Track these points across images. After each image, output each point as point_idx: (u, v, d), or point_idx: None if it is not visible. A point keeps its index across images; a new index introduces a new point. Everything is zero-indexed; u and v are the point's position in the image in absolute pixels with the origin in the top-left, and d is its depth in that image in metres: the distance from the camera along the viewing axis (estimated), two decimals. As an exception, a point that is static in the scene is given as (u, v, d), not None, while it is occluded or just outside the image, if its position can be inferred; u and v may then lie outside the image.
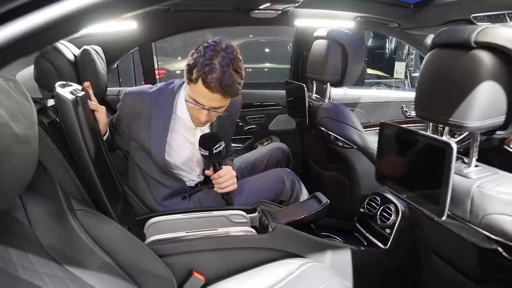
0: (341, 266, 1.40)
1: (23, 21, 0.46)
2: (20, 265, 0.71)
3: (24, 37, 0.47)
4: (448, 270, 1.20)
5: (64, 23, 0.48)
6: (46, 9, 0.47)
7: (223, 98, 1.31)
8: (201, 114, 1.36)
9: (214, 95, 1.28)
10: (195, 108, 1.36)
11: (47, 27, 0.47)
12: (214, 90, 1.27)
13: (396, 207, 1.53)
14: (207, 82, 1.25)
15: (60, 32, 0.51)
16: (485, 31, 0.88)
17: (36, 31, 0.47)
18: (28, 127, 0.66)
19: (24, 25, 0.46)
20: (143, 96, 1.49)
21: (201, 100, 1.32)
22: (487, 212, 0.89)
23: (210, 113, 1.37)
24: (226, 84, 1.26)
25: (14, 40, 0.46)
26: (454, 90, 0.93)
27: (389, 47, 6.97)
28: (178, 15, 2.07)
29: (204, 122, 1.43)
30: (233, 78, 1.28)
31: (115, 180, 1.31)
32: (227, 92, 1.29)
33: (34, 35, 0.47)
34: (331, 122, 1.93)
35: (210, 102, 1.32)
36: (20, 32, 0.46)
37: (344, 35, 1.94)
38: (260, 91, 2.71)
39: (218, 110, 1.37)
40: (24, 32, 0.47)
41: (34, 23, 0.47)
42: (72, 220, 0.90)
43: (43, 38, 0.50)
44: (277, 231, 1.31)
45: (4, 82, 0.66)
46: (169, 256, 1.19)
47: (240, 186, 1.62)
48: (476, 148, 0.98)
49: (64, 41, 1.59)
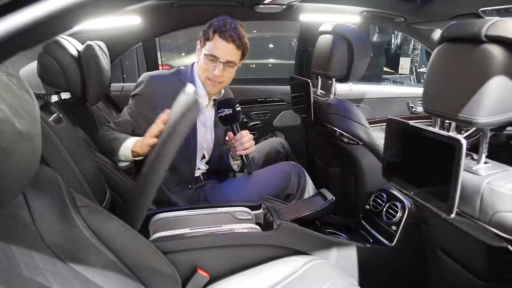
0: (346, 263, 1.39)
1: (23, 14, 0.45)
2: (23, 262, 0.70)
3: (25, 30, 0.46)
4: (456, 268, 1.19)
5: (65, 16, 0.47)
6: (46, 2, 0.46)
7: (236, 50, 1.47)
8: (217, 68, 1.48)
9: (229, 45, 1.45)
10: (211, 64, 1.48)
11: (48, 20, 0.46)
12: (229, 40, 1.44)
13: (403, 204, 1.51)
14: (223, 33, 1.44)
15: (61, 26, 0.50)
16: (496, 25, 0.86)
17: (37, 24, 0.46)
18: (31, 123, 0.65)
19: (24, 18, 0.46)
20: (165, 76, 1.62)
21: (217, 53, 1.46)
22: (497, 210, 0.87)
23: (224, 69, 1.49)
24: (238, 35, 1.45)
25: (14, 33, 0.45)
26: (463, 85, 0.91)
27: (395, 42, 6.92)
28: (182, 10, 2.06)
29: (218, 79, 1.51)
30: (243, 33, 1.48)
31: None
32: (240, 43, 1.47)
33: (35, 28, 0.46)
34: (337, 118, 1.91)
35: (225, 55, 1.46)
36: (20, 25, 0.45)
37: (350, 30, 1.92)
38: (265, 87, 2.69)
39: (231, 65, 1.50)
40: (24, 25, 0.46)
41: (34, 16, 0.46)
42: (75, 217, 0.89)
43: (43, 31, 0.49)
44: (282, 228, 1.30)
45: (6, 77, 0.65)
46: (173, 253, 1.18)
47: (247, 181, 1.62)
48: (486, 144, 0.96)
49: (67, 37, 1.58)
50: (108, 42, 1.80)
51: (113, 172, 1.52)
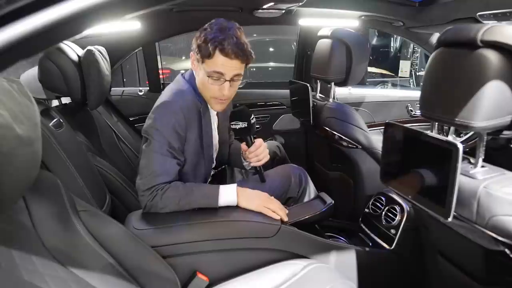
0: (345, 267, 1.39)
1: (26, 22, 0.46)
2: (23, 266, 0.71)
3: (27, 38, 0.46)
4: (454, 271, 1.19)
5: (68, 24, 0.48)
6: (50, 10, 0.46)
7: (241, 64, 1.32)
8: (223, 87, 1.33)
9: (233, 61, 1.29)
10: (216, 83, 1.33)
11: (51, 28, 0.47)
12: (233, 56, 1.28)
13: (402, 207, 1.52)
14: (225, 49, 1.26)
15: (63, 33, 0.51)
16: (491, 30, 0.87)
17: (40, 32, 0.47)
18: (31, 128, 0.66)
19: (27, 26, 0.46)
20: (188, 97, 1.40)
21: (221, 70, 1.30)
22: (494, 214, 0.88)
23: (231, 85, 1.35)
24: (242, 49, 1.28)
25: (17, 41, 0.46)
26: (460, 90, 0.92)
27: (394, 46, 6.94)
28: (181, 15, 2.07)
29: (227, 97, 1.37)
30: (245, 42, 1.30)
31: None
32: (244, 57, 1.31)
33: (38, 36, 0.47)
34: (336, 122, 1.92)
35: (230, 71, 1.31)
36: (23, 33, 0.46)
37: (348, 34, 1.93)
38: (264, 91, 2.70)
39: (237, 78, 1.36)
40: (27, 33, 0.46)
41: (37, 24, 0.46)
42: (75, 221, 0.90)
43: (46, 39, 0.49)
44: (281, 232, 1.30)
45: (7, 83, 0.66)
46: (172, 257, 1.18)
47: (249, 183, 1.62)
48: (482, 148, 0.97)
49: (68, 42, 1.59)
50: (109, 47, 1.81)
51: (113, 177, 1.53)
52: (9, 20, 0.46)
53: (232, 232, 1.28)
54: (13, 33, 0.46)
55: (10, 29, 0.46)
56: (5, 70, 0.50)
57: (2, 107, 0.60)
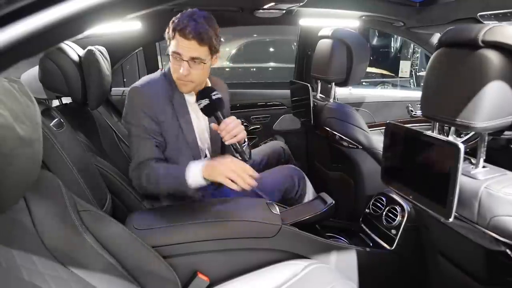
0: (346, 267, 1.39)
1: (27, 22, 0.46)
2: (24, 266, 0.71)
3: (29, 38, 0.46)
4: (455, 271, 1.19)
5: (69, 24, 0.48)
6: (51, 10, 0.46)
7: (199, 46, 1.34)
8: (182, 67, 1.36)
9: (190, 42, 1.33)
10: (176, 63, 1.38)
11: (52, 28, 0.47)
12: (189, 36, 1.32)
13: (402, 207, 1.52)
14: (182, 30, 1.31)
15: (65, 33, 0.51)
16: (492, 30, 0.87)
17: (41, 32, 0.46)
18: (32, 128, 0.66)
19: (29, 26, 0.46)
20: (155, 82, 1.48)
21: (179, 50, 1.35)
22: (495, 214, 0.88)
23: (190, 66, 1.37)
24: (199, 31, 1.32)
25: (18, 41, 0.46)
26: (461, 90, 0.92)
27: (394, 46, 6.93)
28: None
29: (186, 78, 1.39)
30: (206, 27, 1.33)
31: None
32: (202, 39, 1.33)
33: (39, 36, 0.47)
34: (336, 122, 1.92)
35: (188, 52, 1.35)
36: (25, 33, 0.46)
37: (349, 34, 1.93)
38: (265, 91, 2.70)
39: (197, 61, 1.37)
40: (28, 33, 0.46)
41: (38, 24, 0.46)
42: (76, 221, 0.90)
43: (47, 39, 0.49)
44: (282, 232, 1.30)
45: (8, 83, 0.66)
46: (173, 257, 1.19)
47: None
48: (483, 148, 0.97)
49: (68, 42, 1.59)
50: (109, 47, 1.81)
51: (114, 177, 1.52)
52: (10, 20, 0.46)
53: (232, 232, 1.28)
54: (14, 33, 0.46)
55: (11, 29, 0.46)
56: (6, 71, 0.50)
57: (3, 107, 0.60)
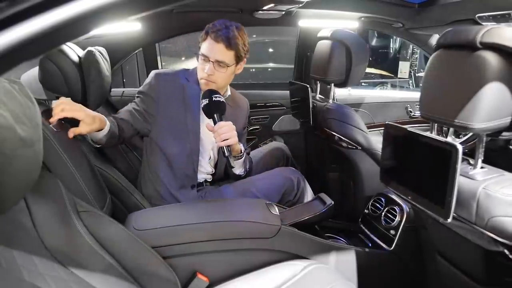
0: (345, 267, 1.39)
1: (29, 25, 0.46)
2: (24, 267, 0.71)
3: (30, 40, 0.47)
4: (454, 272, 1.19)
5: (70, 27, 0.48)
6: (53, 12, 0.47)
7: (226, 50, 1.48)
8: (206, 66, 1.50)
9: (218, 45, 1.47)
10: (202, 64, 1.52)
11: (53, 31, 0.47)
12: (219, 39, 1.46)
13: (401, 208, 1.52)
14: (213, 34, 1.47)
15: (65, 35, 0.51)
16: (490, 32, 0.87)
17: (43, 35, 0.47)
18: (33, 129, 0.66)
19: (30, 29, 0.46)
20: (172, 74, 1.66)
21: (206, 51, 1.50)
22: (493, 215, 0.88)
23: (215, 69, 1.50)
24: (228, 36, 1.46)
25: (19, 44, 0.46)
26: (459, 91, 0.92)
27: (393, 47, 6.94)
28: (182, 16, 2.07)
29: (209, 77, 1.52)
30: (236, 35, 1.48)
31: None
32: (230, 44, 1.47)
33: (40, 38, 0.47)
34: (335, 123, 1.92)
35: (215, 54, 1.49)
36: (25, 36, 0.46)
37: (348, 35, 1.93)
38: (264, 92, 2.70)
39: (222, 65, 1.50)
40: (30, 35, 0.46)
41: (40, 27, 0.46)
42: (76, 222, 0.90)
43: (49, 41, 0.50)
44: (281, 232, 1.31)
45: (9, 84, 0.66)
46: (173, 257, 1.19)
47: (245, 187, 1.62)
48: (481, 149, 0.97)
49: (68, 43, 1.59)
50: (109, 47, 1.81)
51: (114, 177, 1.53)
52: (11, 23, 0.46)
53: (232, 232, 1.28)
54: (15, 36, 0.46)
55: (12, 32, 0.46)
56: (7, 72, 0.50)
57: (3, 108, 0.60)
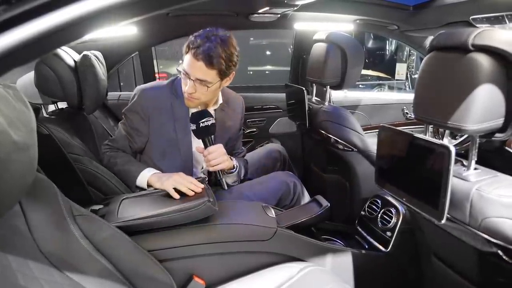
0: (342, 269, 1.39)
1: (24, 29, 0.47)
2: (19, 271, 0.71)
3: (24, 45, 0.47)
4: (449, 273, 1.20)
5: (66, 30, 0.49)
6: (48, 16, 0.47)
7: (207, 69, 1.37)
8: (188, 84, 1.42)
9: (198, 63, 1.36)
10: (184, 80, 1.44)
11: (49, 35, 0.47)
12: (199, 57, 1.35)
13: (397, 210, 1.53)
14: (193, 50, 1.36)
15: (60, 39, 0.51)
16: (482, 34, 0.88)
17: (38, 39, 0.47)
18: (27, 134, 0.66)
19: (26, 33, 0.47)
20: (158, 88, 1.58)
21: (187, 69, 1.40)
22: (486, 216, 0.89)
23: (196, 86, 1.41)
24: (209, 53, 1.34)
25: (14, 48, 0.47)
26: (452, 93, 0.93)
27: (390, 49, 6.97)
28: (177, 19, 2.08)
29: (190, 95, 1.45)
30: (218, 51, 1.36)
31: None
32: (211, 63, 1.36)
33: (35, 42, 0.47)
34: (331, 125, 1.93)
35: (195, 72, 1.39)
36: (20, 40, 0.47)
37: (343, 38, 1.94)
38: (261, 94, 2.71)
39: (203, 83, 1.41)
40: (24, 40, 0.47)
41: (35, 31, 0.47)
42: (72, 226, 0.90)
43: (44, 45, 0.50)
44: (277, 235, 1.31)
45: (3, 89, 0.66)
46: (169, 260, 1.19)
47: (241, 191, 1.62)
48: (475, 151, 0.98)
49: (64, 47, 1.59)
50: (105, 51, 1.82)
51: (110, 181, 1.53)
52: (6, 27, 0.46)
53: (228, 235, 1.28)
54: (11, 40, 0.46)
55: (7, 36, 0.46)
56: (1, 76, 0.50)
57: (-2, 113, 0.61)
